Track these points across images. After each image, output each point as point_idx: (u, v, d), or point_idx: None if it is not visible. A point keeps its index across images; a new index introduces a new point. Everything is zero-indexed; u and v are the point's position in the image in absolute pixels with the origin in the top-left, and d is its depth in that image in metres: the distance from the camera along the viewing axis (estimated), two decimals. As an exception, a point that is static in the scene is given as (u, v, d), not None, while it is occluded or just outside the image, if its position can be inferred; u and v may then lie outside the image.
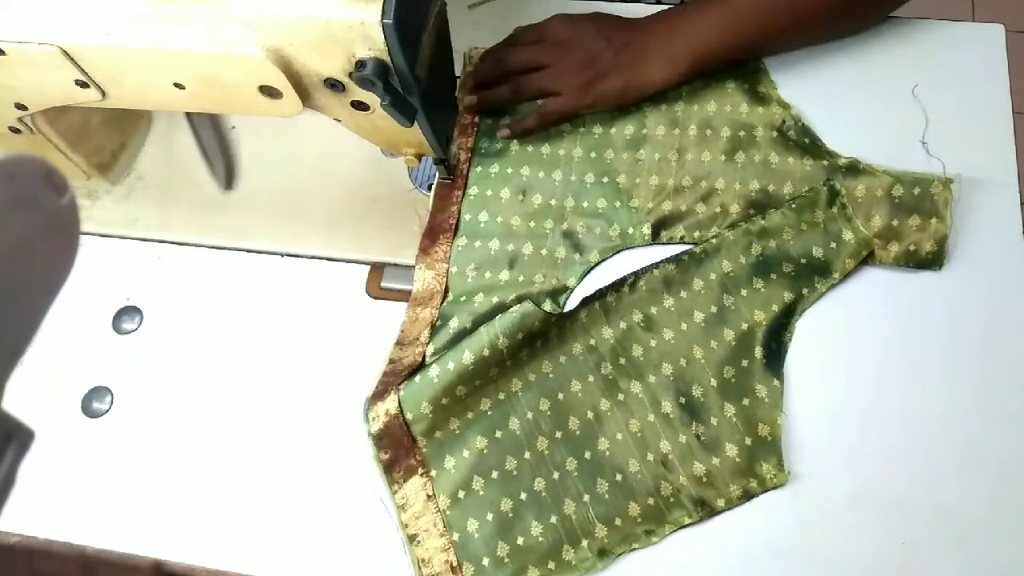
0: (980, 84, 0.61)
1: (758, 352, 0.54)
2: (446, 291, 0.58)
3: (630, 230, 0.58)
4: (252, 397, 0.57)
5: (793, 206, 0.56)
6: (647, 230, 0.58)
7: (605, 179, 0.60)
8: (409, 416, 0.52)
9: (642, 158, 0.60)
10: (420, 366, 0.55)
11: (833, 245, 0.55)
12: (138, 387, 0.58)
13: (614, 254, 0.58)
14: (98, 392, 0.58)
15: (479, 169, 0.61)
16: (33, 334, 0.26)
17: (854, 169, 0.57)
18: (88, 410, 0.57)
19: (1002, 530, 0.49)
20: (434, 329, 0.56)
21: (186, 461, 0.55)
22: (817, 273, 0.55)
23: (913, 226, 0.55)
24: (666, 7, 0.63)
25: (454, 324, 0.56)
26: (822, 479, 0.51)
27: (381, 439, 0.53)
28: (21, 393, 0.31)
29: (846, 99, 0.61)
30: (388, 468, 0.52)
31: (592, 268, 0.57)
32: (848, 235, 0.55)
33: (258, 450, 0.55)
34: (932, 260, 0.55)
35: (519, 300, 0.56)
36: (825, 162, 0.58)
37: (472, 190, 0.61)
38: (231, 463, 0.55)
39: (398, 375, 0.54)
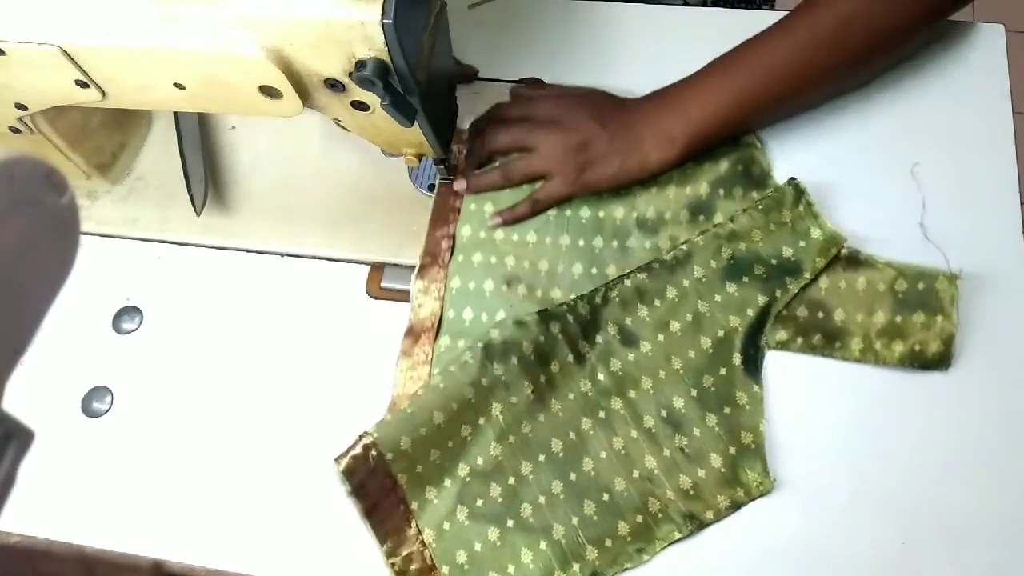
0: (980, 84, 0.61)
1: (736, 359, 0.53)
2: None
3: None
4: (252, 397, 0.57)
5: (760, 207, 0.55)
6: None
7: (594, 270, 0.57)
8: (389, 456, 0.50)
9: (632, 246, 0.57)
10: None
11: (802, 243, 0.54)
12: (138, 387, 0.58)
13: None
14: (98, 392, 0.58)
15: (460, 258, 0.57)
16: (33, 334, 0.26)
17: (854, 260, 0.55)
18: (88, 410, 0.57)
19: (1002, 530, 0.49)
20: None
21: (186, 461, 0.55)
22: (788, 274, 0.54)
23: (918, 323, 0.53)
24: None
25: None
26: (821, 480, 0.51)
27: (362, 487, 0.49)
28: (21, 393, 0.30)
29: (844, 106, 0.61)
30: (369, 513, 0.50)
31: None
32: (816, 232, 0.54)
33: (258, 450, 0.55)
34: (939, 361, 0.52)
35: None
36: None
37: (454, 282, 0.57)
38: (231, 463, 0.55)
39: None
